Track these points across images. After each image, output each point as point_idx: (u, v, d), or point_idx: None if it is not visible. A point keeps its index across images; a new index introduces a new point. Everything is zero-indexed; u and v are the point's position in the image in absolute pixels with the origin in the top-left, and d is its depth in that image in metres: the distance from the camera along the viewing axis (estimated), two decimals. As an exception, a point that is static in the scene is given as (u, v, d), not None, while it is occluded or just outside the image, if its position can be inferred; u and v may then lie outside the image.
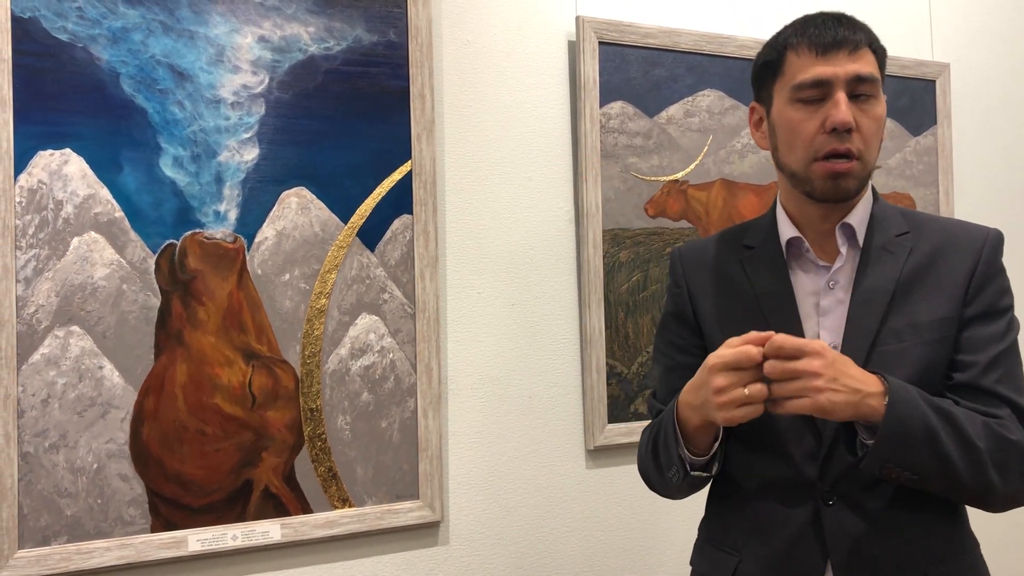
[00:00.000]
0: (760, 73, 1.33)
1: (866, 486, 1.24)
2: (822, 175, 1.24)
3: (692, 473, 1.29)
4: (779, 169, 1.32)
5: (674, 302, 1.43)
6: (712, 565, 1.37)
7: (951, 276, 1.26)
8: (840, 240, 1.29)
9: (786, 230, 1.32)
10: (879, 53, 1.27)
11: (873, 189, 1.33)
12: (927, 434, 1.15)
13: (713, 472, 1.31)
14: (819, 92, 1.23)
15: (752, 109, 1.36)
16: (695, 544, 1.44)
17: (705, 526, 1.43)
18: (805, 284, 1.31)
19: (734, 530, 1.34)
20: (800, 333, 1.28)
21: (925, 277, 1.27)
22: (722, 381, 1.15)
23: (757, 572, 1.30)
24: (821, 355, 1.13)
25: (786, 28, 1.29)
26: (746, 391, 1.14)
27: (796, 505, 1.25)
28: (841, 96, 1.22)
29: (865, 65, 1.23)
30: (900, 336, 1.24)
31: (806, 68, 1.24)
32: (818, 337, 1.28)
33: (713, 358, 1.17)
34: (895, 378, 1.19)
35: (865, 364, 1.23)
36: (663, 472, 1.34)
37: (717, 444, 1.28)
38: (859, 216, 1.30)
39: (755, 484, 1.32)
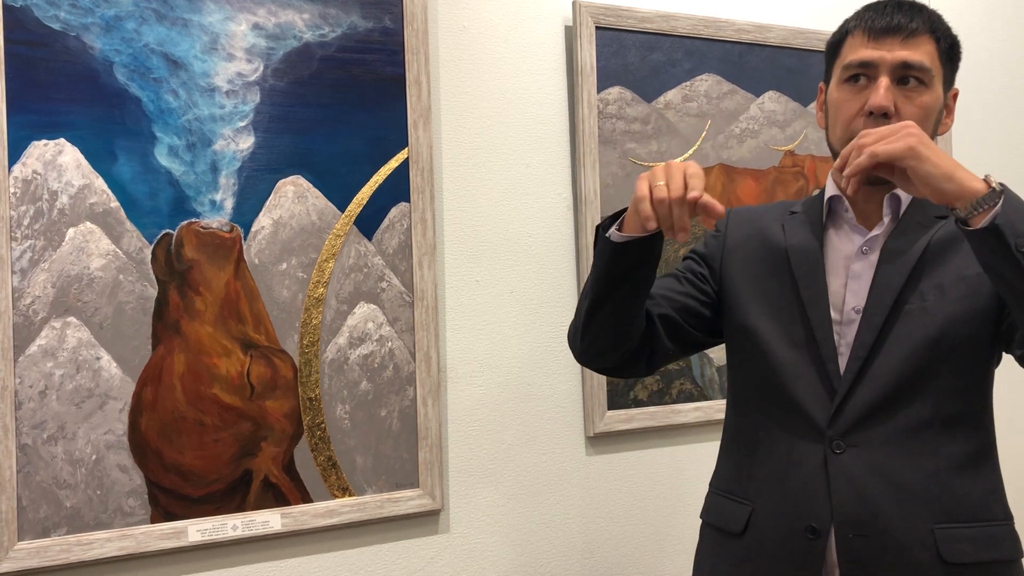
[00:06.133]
0: (827, 54, 1.36)
1: (877, 437, 1.25)
2: None
3: (604, 235, 1.23)
4: (829, 147, 1.35)
5: (707, 244, 1.47)
6: (725, 515, 1.38)
7: None
8: (885, 209, 1.30)
9: (831, 191, 1.35)
10: (944, 43, 1.27)
11: None
12: None
13: (622, 241, 1.22)
14: (865, 74, 1.25)
15: (820, 90, 1.39)
16: (707, 496, 1.45)
17: (717, 477, 1.44)
18: (838, 245, 1.33)
19: (746, 479, 1.36)
20: (824, 289, 1.30)
21: (955, 244, 1.28)
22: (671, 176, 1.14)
23: (770, 519, 1.31)
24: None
25: (854, 13, 1.31)
26: (662, 182, 1.13)
27: (806, 452, 1.27)
28: (883, 81, 1.23)
29: (916, 53, 1.23)
30: (924, 296, 1.26)
31: (856, 50, 1.26)
32: (844, 300, 1.30)
33: (693, 165, 1.15)
34: (916, 334, 1.23)
35: (886, 321, 1.25)
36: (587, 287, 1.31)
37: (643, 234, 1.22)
38: None
39: (766, 432, 1.33)
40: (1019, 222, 1.05)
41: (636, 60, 2.02)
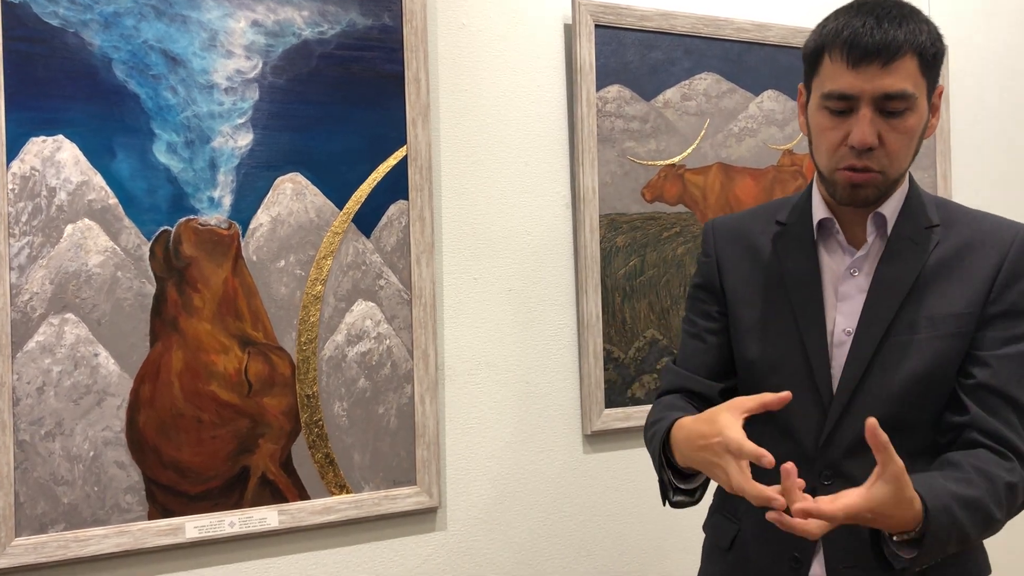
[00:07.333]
0: (805, 60, 1.29)
1: (864, 468, 1.24)
2: (843, 183, 1.23)
3: (674, 499, 1.31)
4: (812, 161, 1.32)
5: (702, 273, 1.45)
6: (717, 531, 1.41)
7: (975, 272, 1.25)
8: (870, 229, 1.28)
9: (819, 210, 1.32)
10: (926, 55, 1.20)
11: (911, 177, 1.32)
12: (959, 536, 1.13)
13: (697, 498, 1.32)
14: (846, 104, 1.20)
15: (800, 92, 1.34)
16: (709, 509, 1.47)
17: (717, 493, 1.45)
18: (831, 265, 1.31)
19: (736, 499, 1.35)
20: (821, 315, 1.29)
21: (948, 271, 1.26)
22: (731, 467, 1.13)
23: (754, 542, 1.33)
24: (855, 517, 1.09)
25: (834, 18, 1.23)
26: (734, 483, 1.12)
27: None
28: (864, 114, 1.18)
29: (898, 80, 1.17)
30: (914, 328, 1.24)
31: (836, 77, 1.20)
32: (834, 322, 1.29)
33: (733, 444, 1.11)
34: (904, 368, 1.21)
35: (876, 353, 1.24)
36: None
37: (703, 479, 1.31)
38: (893, 206, 1.28)
39: None
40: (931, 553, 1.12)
41: (635, 58, 2.02)
